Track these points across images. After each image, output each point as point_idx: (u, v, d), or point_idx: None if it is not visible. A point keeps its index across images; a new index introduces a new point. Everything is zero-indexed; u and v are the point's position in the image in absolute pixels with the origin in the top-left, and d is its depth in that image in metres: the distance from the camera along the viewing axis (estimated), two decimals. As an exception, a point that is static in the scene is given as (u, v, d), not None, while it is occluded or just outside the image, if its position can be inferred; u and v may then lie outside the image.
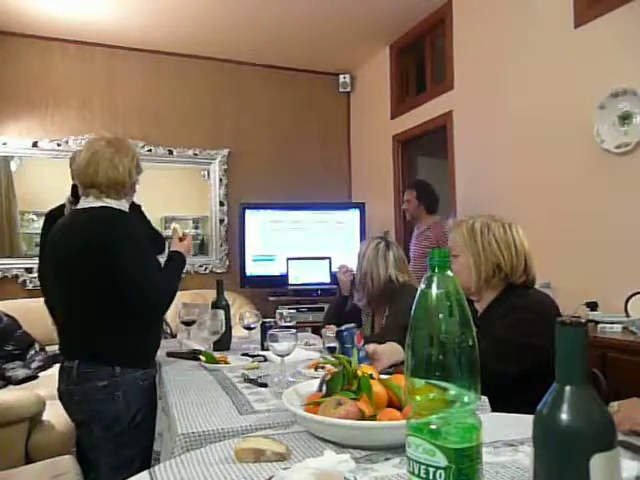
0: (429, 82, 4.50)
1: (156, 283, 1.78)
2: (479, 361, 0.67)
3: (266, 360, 1.98)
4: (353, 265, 2.70)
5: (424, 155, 5.03)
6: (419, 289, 0.72)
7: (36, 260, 4.47)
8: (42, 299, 2.19)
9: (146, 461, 1.79)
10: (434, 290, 0.70)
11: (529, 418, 1.09)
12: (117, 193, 1.85)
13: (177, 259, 2.00)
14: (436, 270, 0.71)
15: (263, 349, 2.17)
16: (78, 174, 1.87)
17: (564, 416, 0.57)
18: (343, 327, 1.60)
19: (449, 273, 0.70)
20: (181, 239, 2.07)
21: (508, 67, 3.54)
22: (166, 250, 2.12)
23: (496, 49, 3.66)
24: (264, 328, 2.19)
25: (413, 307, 0.71)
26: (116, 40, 4.66)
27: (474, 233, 1.68)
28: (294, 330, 1.58)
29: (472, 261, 1.67)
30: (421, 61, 4.63)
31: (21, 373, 3.32)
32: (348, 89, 5.56)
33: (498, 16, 3.63)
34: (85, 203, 1.86)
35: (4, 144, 4.39)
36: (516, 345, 1.54)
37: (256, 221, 4.83)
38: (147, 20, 4.30)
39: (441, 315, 0.69)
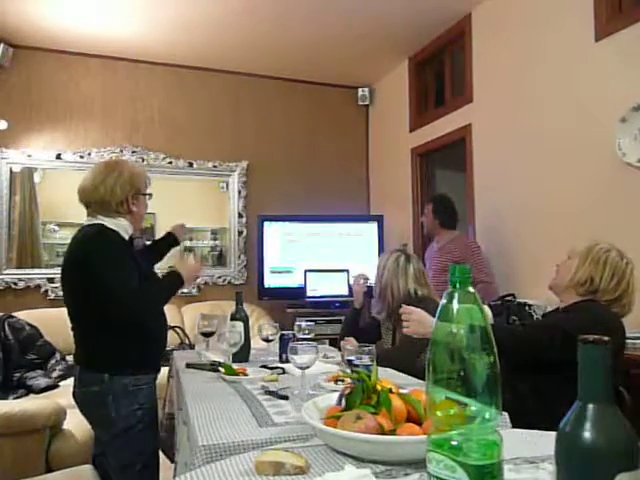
0: (448, 95, 4.50)
1: (131, 290, 1.86)
2: (500, 376, 0.67)
3: (285, 372, 1.98)
4: (371, 274, 2.70)
5: (442, 168, 5.02)
6: (440, 305, 0.72)
7: (57, 270, 4.57)
8: (64, 309, 2.25)
9: (148, 466, 1.92)
10: (455, 306, 0.70)
11: (550, 435, 1.08)
12: (106, 210, 1.97)
13: (170, 276, 2.07)
14: (457, 286, 0.71)
15: (282, 361, 2.17)
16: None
17: (587, 434, 0.56)
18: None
19: (470, 289, 0.71)
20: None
21: (528, 80, 3.53)
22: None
23: (516, 62, 3.65)
24: (283, 340, 2.20)
25: (434, 322, 0.72)
26: (138, 54, 4.75)
27: (593, 247, 1.89)
28: (315, 343, 1.59)
29: (576, 264, 1.88)
30: (440, 74, 4.64)
31: (42, 382, 3.36)
32: (367, 102, 5.58)
33: (518, 29, 3.63)
34: (86, 221, 2.03)
35: (29, 156, 4.49)
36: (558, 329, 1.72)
37: (274, 233, 4.85)
38: (169, 35, 4.38)
39: (462, 331, 0.69)
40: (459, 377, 0.67)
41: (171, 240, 2.54)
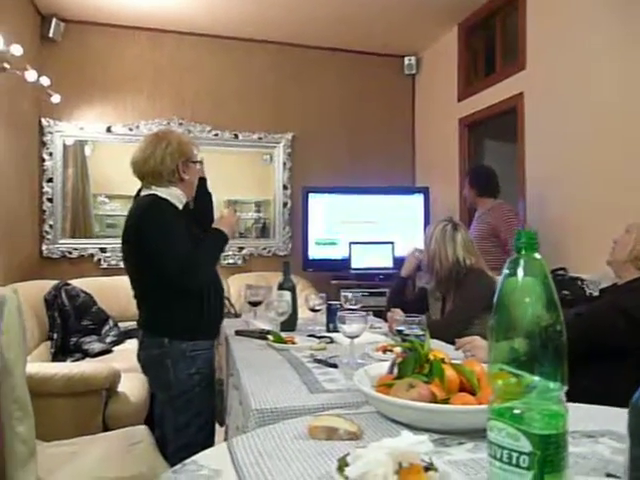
0: (499, 62, 4.34)
1: (181, 256, 1.88)
2: (566, 347, 0.65)
3: (332, 342, 2.00)
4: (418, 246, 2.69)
5: (491, 138, 4.88)
6: (503, 272, 0.70)
7: (109, 240, 4.72)
8: (116, 277, 2.32)
9: (203, 427, 1.99)
10: (520, 273, 0.68)
11: (609, 410, 1.06)
12: (158, 181, 2.02)
13: (212, 235, 2.06)
14: (523, 252, 0.69)
15: (329, 331, 2.19)
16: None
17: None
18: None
19: (537, 255, 0.68)
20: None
21: (586, 47, 3.35)
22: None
23: (573, 28, 3.47)
24: (330, 310, 2.21)
25: (497, 291, 0.69)
26: (184, 26, 4.76)
27: None
28: (364, 313, 1.59)
29: (634, 237, 1.86)
30: (491, 41, 4.47)
31: (97, 347, 3.50)
32: (413, 71, 5.45)
33: (576, -9, 3.45)
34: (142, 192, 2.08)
35: (81, 129, 4.60)
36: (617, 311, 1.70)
37: (319, 205, 4.85)
38: (214, 6, 4.36)
39: (527, 299, 0.67)
40: (523, 347, 0.65)
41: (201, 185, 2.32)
